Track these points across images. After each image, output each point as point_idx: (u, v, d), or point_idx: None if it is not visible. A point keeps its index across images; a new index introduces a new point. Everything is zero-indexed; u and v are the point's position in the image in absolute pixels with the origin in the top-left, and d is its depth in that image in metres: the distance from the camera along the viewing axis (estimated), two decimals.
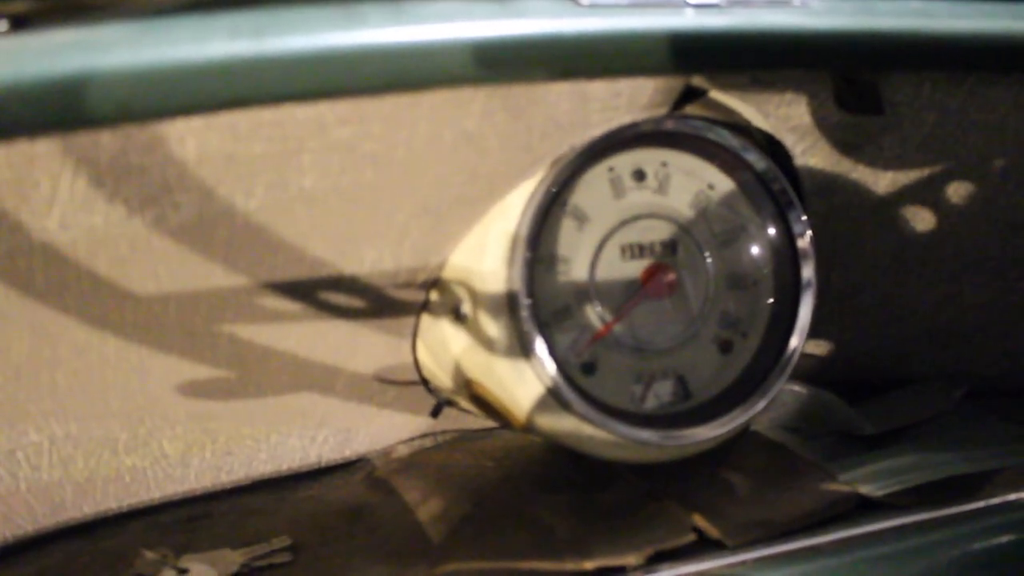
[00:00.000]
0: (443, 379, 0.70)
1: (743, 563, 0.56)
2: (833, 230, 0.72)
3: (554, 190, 0.59)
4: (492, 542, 0.61)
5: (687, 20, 0.50)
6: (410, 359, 0.72)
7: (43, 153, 0.45)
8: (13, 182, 0.46)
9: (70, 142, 0.45)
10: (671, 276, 0.64)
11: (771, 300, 0.67)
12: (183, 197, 0.50)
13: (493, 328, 0.61)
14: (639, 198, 0.64)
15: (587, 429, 0.62)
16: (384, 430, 0.77)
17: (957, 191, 0.70)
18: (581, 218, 0.63)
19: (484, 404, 0.66)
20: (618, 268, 0.63)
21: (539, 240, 0.61)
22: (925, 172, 0.68)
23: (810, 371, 0.85)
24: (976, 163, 0.67)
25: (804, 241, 0.65)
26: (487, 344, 0.61)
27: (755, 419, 0.68)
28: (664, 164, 0.64)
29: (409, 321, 0.68)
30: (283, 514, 0.67)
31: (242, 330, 0.61)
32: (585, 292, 0.63)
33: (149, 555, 0.60)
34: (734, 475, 0.69)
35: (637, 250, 0.64)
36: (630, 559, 0.56)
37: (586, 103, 0.57)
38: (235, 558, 0.61)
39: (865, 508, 0.63)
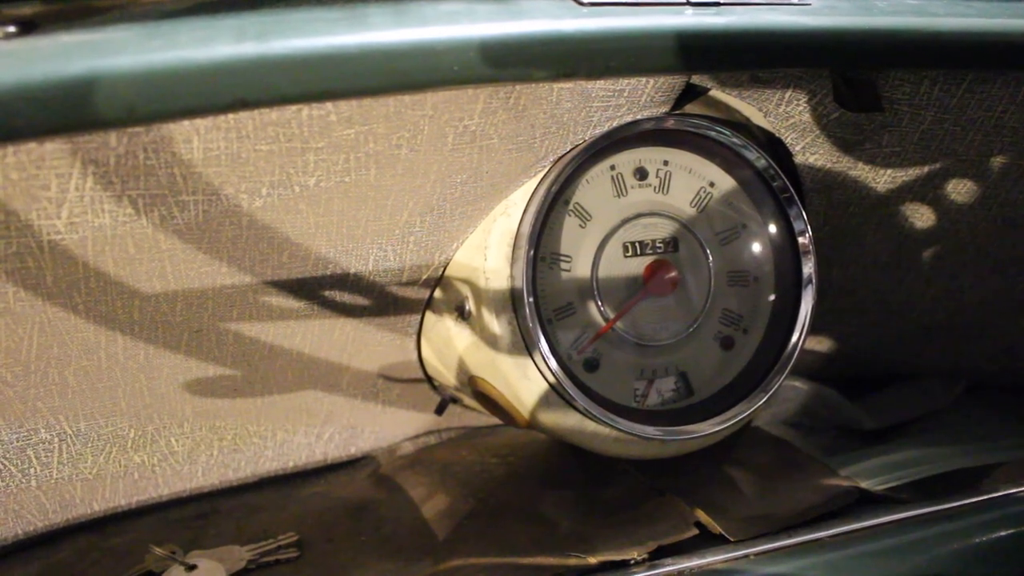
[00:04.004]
0: (447, 376, 0.70)
1: (745, 557, 0.57)
2: (833, 227, 0.72)
3: (556, 188, 0.60)
4: (496, 538, 0.61)
5: (687, 20, 0.50)
6: (414, 357, 0.72)
7: (52, 154, 0.46)
8: (23, 183, 0.46)
9: (78, 143, 0.46)
10: (673, 273, 0.64)
11: (772, 297, 0.67)
12: (189, 197, 0.51)
13: (496, 325, 0.61)
14: (641, 196, 0.64)
15: (590, 425, 0.62)
16: (389, 427, 0.77)
17: (956, 188, 0.70)
18: (583, 216, 0.63)
19: (488, 401, 0.67)
20: (620, 266, 0.64)
21: (542, 238, 0.61)
22: (924, 169, 0.68)
23: (811, 367, 0.86)
24: (974, 160, 0.68)
25: (804, 238, 0.65)
26: (491, 341, 0.62)
27: (756, 415, 0.68)
28: (665, 162, 0.65)
29: (413, 319, 0.69)
30: (289, 511, 0.68)
31: (248, 328, 0.62)
32: (588, 289, 0.63)
33: (158, 551, 0.60)
34: (736, 470, 0.69)
35: (639, 248, 0.64)
36: (633, 553, 0.57)
37: (587, 102, 0.57)
38: (242, 554, 0.61)
39: (866, 502, 0.63)
